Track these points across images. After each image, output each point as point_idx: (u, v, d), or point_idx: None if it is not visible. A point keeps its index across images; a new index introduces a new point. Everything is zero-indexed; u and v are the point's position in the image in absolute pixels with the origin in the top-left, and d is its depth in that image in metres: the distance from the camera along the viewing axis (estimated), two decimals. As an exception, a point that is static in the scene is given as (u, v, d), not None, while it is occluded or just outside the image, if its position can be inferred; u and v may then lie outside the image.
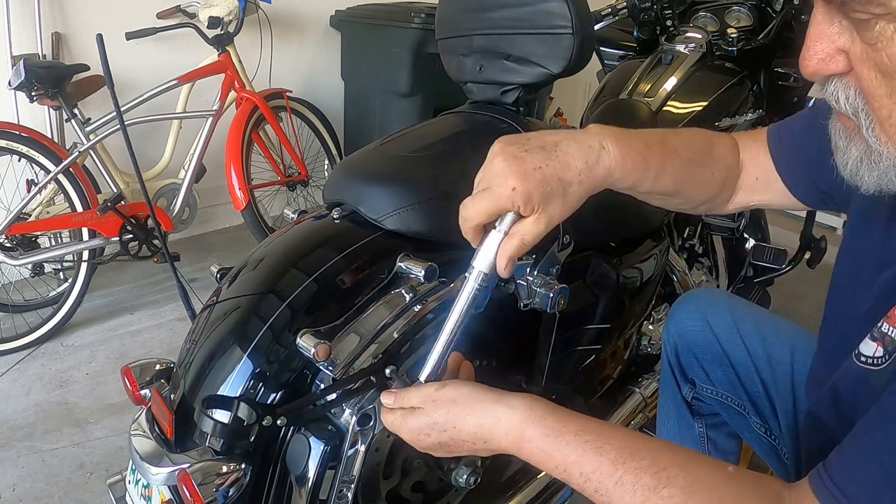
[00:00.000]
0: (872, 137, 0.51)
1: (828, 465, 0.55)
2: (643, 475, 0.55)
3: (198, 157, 2.47)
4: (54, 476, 1.60)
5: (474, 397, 0.67)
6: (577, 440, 0.60)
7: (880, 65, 0.47)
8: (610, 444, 0.59)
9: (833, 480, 0.53)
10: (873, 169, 0.52)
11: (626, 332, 1.35)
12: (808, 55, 0.51)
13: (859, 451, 0.54)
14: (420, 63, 2.76)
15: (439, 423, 0.68)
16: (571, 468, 0.59)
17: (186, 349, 0.92)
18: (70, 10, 2.45)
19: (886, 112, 0.49)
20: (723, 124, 1.57)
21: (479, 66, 1.08)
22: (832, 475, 0.53)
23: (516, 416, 0.64)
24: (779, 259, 1.76)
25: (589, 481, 0.58)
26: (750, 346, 1.04)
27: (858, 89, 0.51)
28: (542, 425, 0.62)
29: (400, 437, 0.72)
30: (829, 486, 0.53)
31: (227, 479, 0.78)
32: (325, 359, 0.79)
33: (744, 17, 1.69)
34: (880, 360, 0.60)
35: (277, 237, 0.99)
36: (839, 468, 0.54)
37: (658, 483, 0.55)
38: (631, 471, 0.56)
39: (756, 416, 1.04)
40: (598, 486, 0.57)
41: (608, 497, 0.57)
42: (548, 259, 1.03)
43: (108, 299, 2.45)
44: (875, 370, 0.60)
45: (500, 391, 0.68)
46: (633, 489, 0.55)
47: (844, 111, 0.53)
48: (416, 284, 0.89)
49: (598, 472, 0.57)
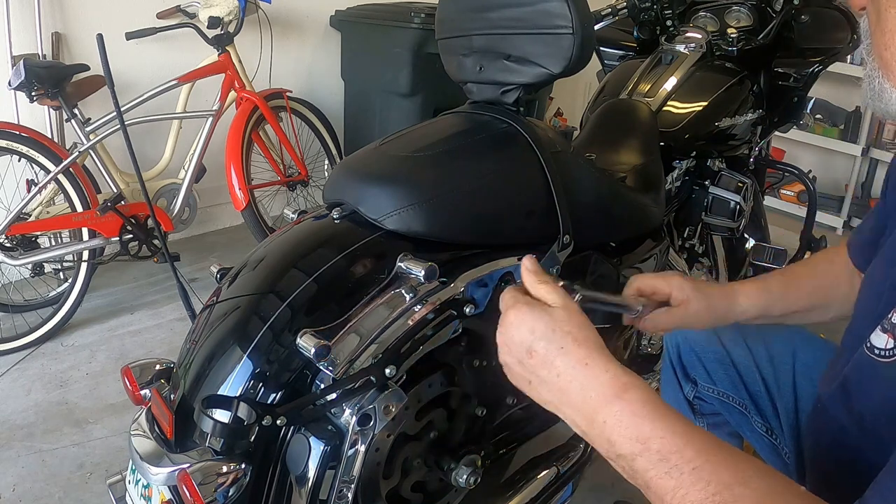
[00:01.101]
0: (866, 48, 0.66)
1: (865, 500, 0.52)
2: (722, 470, 0.54)
3: (198, 157, 2.47)
4: (54, 476, 1.60)
5: (599, 343, 0.64)
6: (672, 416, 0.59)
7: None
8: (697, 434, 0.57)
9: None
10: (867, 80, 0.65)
11: (627, 332, 1.35)
12: None
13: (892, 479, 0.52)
14: (420, 63, 2.75)
15: (556, 330, 0.63)
16: (653, 442, 0.56)
17: (186, 349, 0.92)
18: (70, 10, 2.45)
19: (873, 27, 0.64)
20: (723, 124, 1.57)
21: (479, 66, 1.08)
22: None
23: (624, 377, 0.61)
24: (779, 259, 1.76)
25: (665, 460, 0.56)
26: (752, 346, 1.04)
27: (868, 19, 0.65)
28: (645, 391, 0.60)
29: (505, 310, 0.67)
30: None
31: (227, 479, 0.78)
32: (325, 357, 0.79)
33: (744, 17, 1.69)
34: (891, 351, 0.60)
35: (277, 237, 0.99)
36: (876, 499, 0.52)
37: (735, 481, 0.53)
38: (711, 462, 0.54)
39: (757, 416, 1.04)
40: (673, 468, 0.55)
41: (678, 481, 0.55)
42: (548, 259, 1.03)
43: (108, 299, 2.45)
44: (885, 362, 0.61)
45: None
46: (709, 480, 0.53)
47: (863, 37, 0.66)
48: (416, 284, 0.89)
49: (678, 454, 0.55)
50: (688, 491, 0.54)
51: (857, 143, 3.56)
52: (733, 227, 1.62)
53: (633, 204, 1.26)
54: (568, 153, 1.10)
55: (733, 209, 1.59)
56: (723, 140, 1.61)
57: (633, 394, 0.59)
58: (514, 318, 0.66)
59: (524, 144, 1.03)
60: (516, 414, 1.14)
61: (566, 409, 0.63)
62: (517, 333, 0.65)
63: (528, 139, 1.03)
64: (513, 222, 1.02)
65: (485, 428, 1.06)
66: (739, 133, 1.64)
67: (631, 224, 1.27)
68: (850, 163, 3.69)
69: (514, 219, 1.02)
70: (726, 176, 1.61)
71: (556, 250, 1.03)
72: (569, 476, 1.20)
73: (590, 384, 0.61)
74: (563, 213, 1.02)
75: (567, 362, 0.62)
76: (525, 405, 1.13)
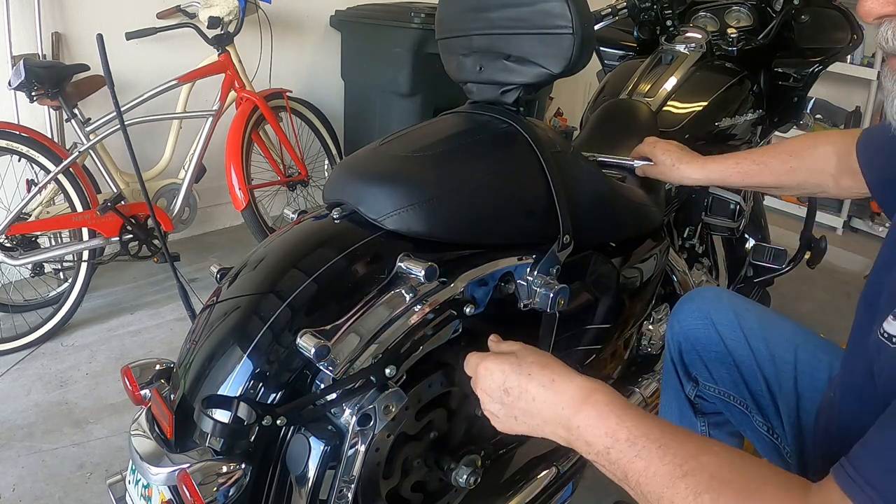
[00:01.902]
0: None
1: (853, 459, 0.54)
2: (687, 443, 0.60)
3: (198, 157, 2.47)
4: (54, 476, 1.60)
5: (560, 364, 0.74)
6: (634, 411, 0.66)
7: None
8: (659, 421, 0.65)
9: (860, 473, 0.52)
10: None
11: (626, 332, 1.35)
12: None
13: (888, 442, 0.53)
14: (420, 63, 2.75)
15: (522, 366, 0.73)
16: (621, 432, 0.63)
17: (186, 349, 0.92)
18: (70, 10, 2.45)
19: None
20: (723, 124, 1.57)
21: (479, 66, 1.07)
22: (859, 468, 0.53)
23: (588, 385, 0.70)
24: (779, 259, 1.76)
25: (633, 445, 0.62)
26: (753, 345, 1.04)
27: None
28: (608, 394, 0.68)
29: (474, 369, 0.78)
30: (857, 481, 0.52)
31: (227, 479, 0.78)
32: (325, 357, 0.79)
33: (744, 17, 1.69)
34: None
35: (277, 237, 0.99)
36: (866, 461, 0.53)
37: (700, 451, 0.59)
38: (675, 439, 0.61)
39: (759, 415, 1.04)
40: (641, 450, 0.61)
41: (647, 460, 0.60)
42: (548, 259, 1.03)
43: (108, 299, 2.45)
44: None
45: None
46: (675, 453, 0.59)
47: (891, 48, 0.62)
48: (416, 284, 0.89)
49: (645, 437, 0.62)
50: (657, 467, 0.59)
51: (857, 143, 3.55)
52: (733, 227, 1.62)
53: (633, 204, 1.26)
54: (568, 153, 1.10)
55: (733, 209, 1.59)
56: (723, 140, 1.61)
57: (596, 397, 0.68)
58: (484, 370, 0.76)
59: (524, 144, 1.03)
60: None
61: (549, 427, 0.71)
62: (491, 380, 0.75)
63: (528, 139, 1.03)
64: (513, 222, 1.02)
65: (485, 428, 1.06)
66: (739, 133, 1.64)
67: (631, 224, 1.27)
68: (849, 163, 3.68)
69: (514, 219, 1.02)
70: (726, 176, 1.61)
71: (556, 250, 1.03)
72: (569, 476, 1.20)
73: (560, 398, 0.70)
74: (563, 213, 1.02)
75: (537, 384, 0.71)
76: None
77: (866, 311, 0.72)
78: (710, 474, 0.56)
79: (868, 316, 0.70)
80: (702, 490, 0.56)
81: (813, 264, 1.82)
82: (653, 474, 0.59)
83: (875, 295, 0.71)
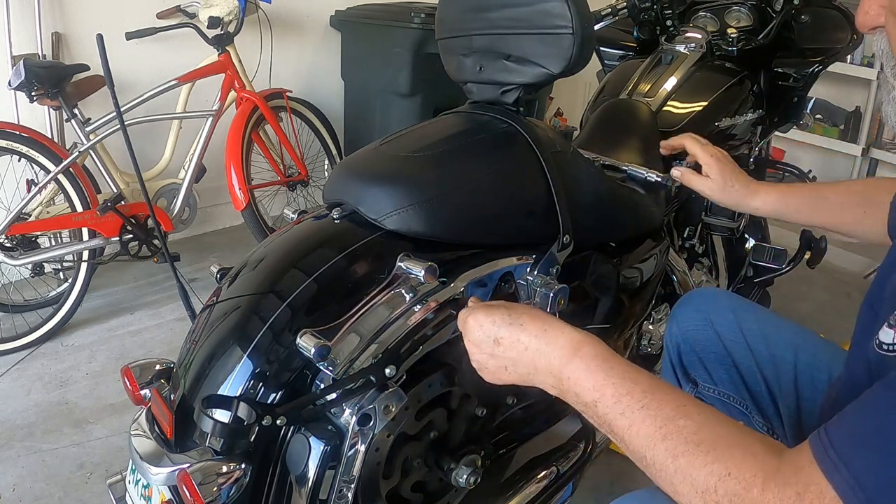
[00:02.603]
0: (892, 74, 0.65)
1: (828, 425, 0.56)
2: (665, 406, 0.62)
3: (198, 157, 2.47)
4: (54, 476, 1.60)
5: (550, 315, 0.76)
6: (621, 367, 0.68)
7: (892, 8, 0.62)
8: (644, 378, 0.66)
9: (828, 434, 0.55)
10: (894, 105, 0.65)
11: (626, 332, 1.35)
12: (860, 11, 0.67)
13: (855, 409, 0.55)
14: (420, 63, 2.75)
15: (512, 315, 0.75)
16: (608, 389, 0.66)
17: (186, 349, 0.92)
18: (70, 10, 2.45)
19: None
20: (723, 124, 1.57)
21: (479, 66, 1.08)
22: (829, 431, 0.55)
23: (577, 336, 0.71)
24: (779, 259, 1.76)
25: (618, 403, 0.64)
26: (753, 346, 1.04)
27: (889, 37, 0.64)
28: (596, 347, 0.70)
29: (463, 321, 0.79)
30: (823, 441, 0.54)
31: (228, 478, 0.78)
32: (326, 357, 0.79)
33: (744, 17, 1.69)
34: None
35: (277, 237, 0.99)
36: (835, 425, 0.55)
37: (677, 414, 0.61)
38: (657, 400, 0.63)
39: (759, 416, 1.04)
40: (626, 409, 0.64)
41: (630, 419, 0.63)
42: (548, 259, 1.03)
43: (108, 299, 2.45)
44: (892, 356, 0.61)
45: None
46: (655, 415, 0.62)
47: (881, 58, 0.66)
48: (415, 284, 0.89)
49: (629, 396, 0.64)
50: (639, 427, 0.62)
51: (857, 143, 3.56)
52: (733, 227, 1.62)
53: (633, 204, 1.26)
54: (568, 153, 1.10)
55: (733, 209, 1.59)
56: (723, 140, 1.61)
57: (586, 349, 0.70)
58: (474, 321, 0.77)
59: (524, 144, 1.03)
60: (516, 414, 1.14)
61: (540, 377, 0.73)
62: (481, 331, 0.76)
63: (528, 139, 1.03)
64: (513, 222, 1.02)
65: (485, 428, 1.06)
66: (739, 133, 1.64)
67: (631, 224, 1.27)
68: (850, 163, 3.69)
69: (514, 219, 1.02)
70: (726, 176, 1.60)
71: (555, 250, 1.03)
72: (569, 476, 1.20)
73: (551, 349, 0.71)
74: (563, 213, 1.03)
75: (529, 334, 0.73)
76: (525, 405, 1.13)
77: (868, 313, 0.72)
78: (685, 438, 0.59)
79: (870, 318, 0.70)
80: (679, 453, 0.59)
81: (813, 264, 1.82)
82: (635, 434, 0.63)
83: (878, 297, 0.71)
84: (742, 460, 0.56)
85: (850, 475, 0.51)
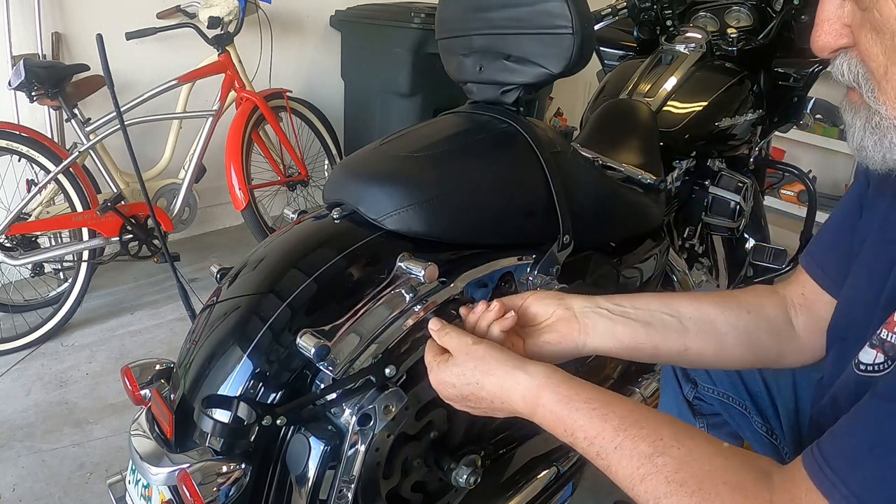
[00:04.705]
0: (871, 98, 0.56)
1: (821, 443, 0.55)
2: (641, 443, 0.59)
3: (198, 157, 2.47)
4: (54, 476, 1.60)
5: (500, 360, 0.72)
6: (586, 407, 0.64)
7: (873, 23, 0.53)
8: (614, 413, 0.63)
9: (822, 453, 0.54)
10: (874, 133, 0.56)
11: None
12: (818, 33, 0.58)
13: (848, 425, 0.54)
14: (420, 63, 2.75)
15: (466, 375, 0.73)
16: (578, 433, 0.64)
17: (186, 349, 0.92)
18: (70, 10, 2.45)
19: (882, 70, 0.54)
20: (723, 124, 1.57)
21: (479, 66, 1.08)
22: (822, 449, 0.54)
23: (534, 382, 0.69)
24: (779, 259, 1.76)
25: (592, 445, 0.62)
26: (751, 346, 1.04)
27: (859, 57, 0.56)
28: (556, 392, 0.67)
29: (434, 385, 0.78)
30: (818, 461, 0.53)
31: (227, 478, 0.78)
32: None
33: (744, 17, 1.69)
34: (881, 366, 0.60)
35: (277, 237, 0.99)
36: (828, 443, 0.54)
37: (654, 451, 0.58)
38: (630, 438, 0.60)
39: (758, 416, 1.04)
40: (600, 450, 0.62)
41: (607, 461, 0.61)
42: (548, 259, 1.03)
43: (108, 299, 2.45)
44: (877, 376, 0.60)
45: (523, 358, 0.73)
46: (631, 455, 0.59)
47: (847, 82, 0.58)
48: (416, 284, 0.89)
49: (600, 438, 0.62)
50: (616, 469, 0.60)
51: (857, 143, 3.55)
52: (733, 227, 1.62)
53: (633, 204, 1.26)
54: (568, 153, 1.10)
55: (733, 209, 1.59)
56: (723, 140, 1.61)
57: (546, 396, 0.67)
58: (437, 384, 0.77)
59: (524, 144, 1.03)
60: (516, 414, 1.14)
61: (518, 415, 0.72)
62: (446, 392, 0.76)
63: (528, 139, 1.03)
64: (513, 222, 1.02)
65: (485, 428, 1.06)
66: (739, 133, 1.64)
67: (631, 224, 1.27)
68: (850, 163, 3.68)
69: (514, 219, 1.02)
70: (726, 176, 1.61)
71: (555, 250, 1.03)
72: (569, 476, 1.19)
73: (514, 400, 0.70)
74: (562, 213, 1.03)
75: (488, 392, 0.72)
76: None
77: (865, 311, 0.72)
78: (666, 478, 0.57)
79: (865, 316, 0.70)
80: (661, 495, 0.57)
81: (813, 264, 1.82)
82: (614, 474, 0.61)
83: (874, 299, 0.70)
84: (731, 500, 0.54)
85: (849, 493, 0.50)
